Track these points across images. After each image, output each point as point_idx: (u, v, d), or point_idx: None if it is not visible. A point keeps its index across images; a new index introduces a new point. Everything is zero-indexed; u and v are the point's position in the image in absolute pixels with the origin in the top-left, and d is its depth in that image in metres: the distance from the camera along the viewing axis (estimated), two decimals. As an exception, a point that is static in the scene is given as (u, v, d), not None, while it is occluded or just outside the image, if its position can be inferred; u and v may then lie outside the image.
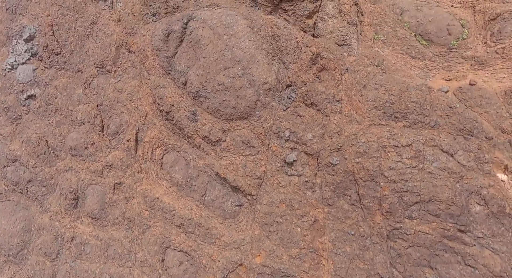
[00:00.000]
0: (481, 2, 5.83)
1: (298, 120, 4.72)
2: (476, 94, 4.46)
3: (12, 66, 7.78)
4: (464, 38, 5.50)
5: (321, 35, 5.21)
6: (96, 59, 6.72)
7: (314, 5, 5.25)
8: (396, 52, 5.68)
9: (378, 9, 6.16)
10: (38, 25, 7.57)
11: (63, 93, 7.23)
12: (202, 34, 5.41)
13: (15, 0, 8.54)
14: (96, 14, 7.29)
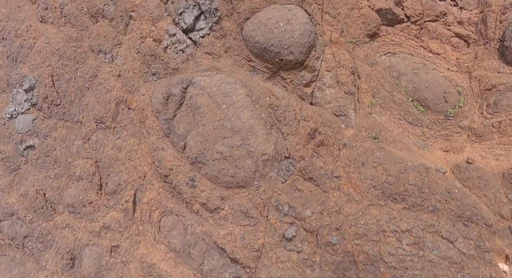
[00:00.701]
0: (477, 69, 5.91)
1: (297, 194, 4.73)
2: (474, 175, 4.49)
3: (12, 116, 7.80)
4: (461, 106, 5.55)
5: (318, 104, 5.26)
6: (95, 114, 6.75)
7: (311, 75, 5.31)
8: (394, 117, 5.70)
9: (375, 71, 6.23)
10: (39, 76, 7.63)
11: (62, 145, 7.22)
12: (202, 101, 5.44)
13: (16, 48, 8.62)
14: (96, 67, 7.36)
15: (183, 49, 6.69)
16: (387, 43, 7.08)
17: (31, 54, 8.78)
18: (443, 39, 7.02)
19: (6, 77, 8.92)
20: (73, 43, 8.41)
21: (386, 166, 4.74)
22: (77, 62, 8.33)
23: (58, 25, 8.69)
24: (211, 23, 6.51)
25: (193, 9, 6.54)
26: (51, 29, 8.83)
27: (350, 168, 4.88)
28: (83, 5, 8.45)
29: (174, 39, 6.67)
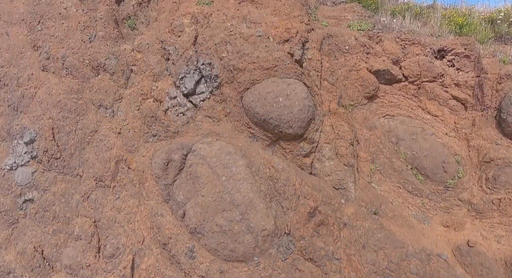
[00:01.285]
0: (475, 137, 5.94)
1: (297, 274, 4.74)
2: (476, 261, 4.52)
3: (12, 167, 7.79)
4: (460, 177, 5.58)
5: (318, 175, 5.33)
6: (95, 172, 6.79)
7: (311, 146, 5.38)
8: (393, 185, 5.72)
9: (374, 136, 6.25)
10: (39, 129, 7.65)
11: (61, 200, 7.23)
12: (201, 171, 5.48)
13: (17, 98, 8.66)
14: (97, 122, 7.39)
15: (184, 112, 6.77)
16: (386, 105, 7.17)
17: (32, 105, 8.87)
18: (441, 101, 7.12)
19: (7, 126, 8.99)
20: (74, 95, 8.54)
21: (387, 251, 4.75)
22: (77, 115, 8.41)
23: (60, 75, 8.87)
24: (212, 88, 6.61)
25: (194, 73, 6.64)
26: (52, 79, 8.99)
27: (351, 250, 4.89)
28: (84, 57, 8.63)
29: (175, 102, 6.75)
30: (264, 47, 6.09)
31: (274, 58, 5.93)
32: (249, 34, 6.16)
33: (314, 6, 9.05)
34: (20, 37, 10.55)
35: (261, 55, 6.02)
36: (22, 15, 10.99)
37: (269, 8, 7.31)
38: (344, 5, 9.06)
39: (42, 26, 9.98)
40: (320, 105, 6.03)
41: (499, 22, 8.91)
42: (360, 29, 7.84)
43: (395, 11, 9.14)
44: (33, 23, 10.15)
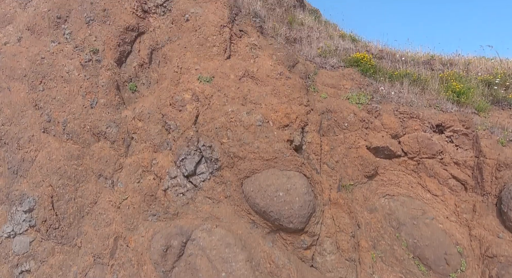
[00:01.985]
0: (476, 226, 5.89)
1: None
2: None
3: (9, 235, 7.63)
4: (463, 271, 5.46)
5: (319, 269, 5.23)
6: (93, 248, 6.73)
7: (311, 239, 5.33)
8: (396, 275, 5.59)
9: (375, 219, 6.21)
10: (38, 197, 7.60)
11: (58, 273, 7.12)
12: (201, 264, 5.40)
13: (17, 161, 8.64)
14: (96, 193, 7.36)
15: (184, 192, 6.74)
16: (386, 183, 7.15)
17: (32, 169, 8.85)
18: (441, 180, 7.10)
19: (6, 189, 8.94)
20: (74, 161, 8.52)
21: None
22: (77, 182, 8.37)
23: (60, 140, 8.87)
24: (212, 169, 6.60)
25: (194, 154, 6.65)
26: (53, 142, 8.99)
27: None
28: (85, 123, 8.66)
29: (175, 182, 6.73)
30: (264, 138, 6.10)
31: (274, 150, 5.92)
32: (249, 123, 6.18)
33: (313, 72, 9.16)
34: (22, 94, 10.61)
35: (261, 145, 6.02)
36: (24, 71, 11.09)
37: (269, 87, 7.37)
38: (342, 70, 9.15)
39: (44, 86, 10.05)
40: (321, 194, 6.00)
41: (496, 88, 9.01)
42: (358, 103, 7.90)
43: (393, 76, 9.24)
44: (35, 83, 10.23)
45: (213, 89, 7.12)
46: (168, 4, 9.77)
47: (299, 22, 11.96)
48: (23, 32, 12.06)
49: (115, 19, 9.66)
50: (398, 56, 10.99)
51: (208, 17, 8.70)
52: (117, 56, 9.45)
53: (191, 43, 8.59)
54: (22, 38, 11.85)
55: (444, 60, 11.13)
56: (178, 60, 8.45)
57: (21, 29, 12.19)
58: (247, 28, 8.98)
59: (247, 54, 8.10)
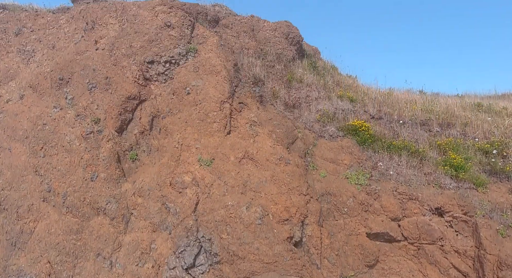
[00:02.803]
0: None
1: None
2: None
3: None
4: None
5: None
6: None
7: None
8: None
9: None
10: (36, 275, 7.40)
11: None
12: None
13: (16, 232, 8.59)
14: (95, 274, 7.20)
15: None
16: (386, 273, 7.12)
17: (30, 242, 8.82)
18: (442, 269, 7.06)
19: (4, 262, 8.91)
20: (73, 235, 8.52)
21: None
22: (75, 258, 8.32)
23: (60, 212, 8.90)
24: (211, 262, 6.57)
25: (194, 246, 6.64)
26: (52, 213, 9.00)
27: None
28: (85, 197, 8.68)
29: (173, 274, 6.65)
30: (264, 238, 6.10)
31: (275, 253, 5.91)
32: (249, 221, 6.19)
33: (312, 143, 9.22)
34: (23, 158, 10.62)
35: (261, 247, 6.01)
36: (26, 133, 11.14)
37: (269, 172, 7.40)
38: (341, 140, 9.20)
39: (44, 152, 10.07)
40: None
41: (493, 160, 9.05)
42: (358, 183, 7.93)
43: (392, 146, 9.29)
44: (36, 148, 10.26)
45: (213, 176, 7.16)
46: (170, 72, 9.92)
47: (298, 79, 12.11)
48: (26, 90, 12.17)
49: (117, 87, 9.78)
50: (396, 117, 11.12)
51: (208, 92, 8.82)
52: (118, 125, 9.53)
53: (191, 118, 8.69)
54: (25, 96, 11.95)
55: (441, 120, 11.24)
56: (179, 135, 8.52)
57: (23, 86, 12.32)
58: (247, 100, 9.10)
59: (247, 132, 8.18)
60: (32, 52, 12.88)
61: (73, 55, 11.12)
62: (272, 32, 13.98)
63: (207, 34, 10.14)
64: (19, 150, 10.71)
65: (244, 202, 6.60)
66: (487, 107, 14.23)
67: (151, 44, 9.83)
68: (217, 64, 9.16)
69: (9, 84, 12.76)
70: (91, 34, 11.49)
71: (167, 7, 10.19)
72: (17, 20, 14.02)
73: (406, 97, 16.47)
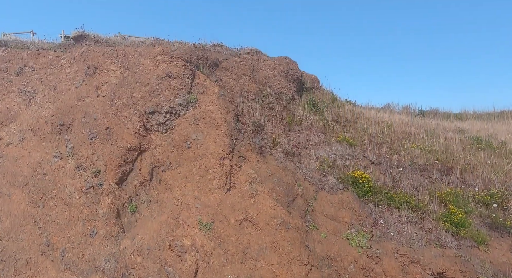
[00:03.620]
0: None
1: None
2: None
3: None
4: None
5: None
6: None
7: None
8: None
9: None
10: None
11: None
12: None
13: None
14: None
15: None
16: None
17: (27, 300, 8.58)
18: None
19: (0, 319, 8.65)
20: (71, 294, 8.27)
21: None
22: (73, 318, 8.07)
23: (58, 269, 8.73)
24: None
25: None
26: (50, 269, 8.92)
27: None
28: (84, 253, 8.57)
29: None
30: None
31: None
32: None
33: (312, 197, 9.19)
34: (22, 206, 10.56)
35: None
36: (26, 179, 11.10)
37: (269, 237, 7.35)
38: (341, 194, 9.17)
39: (44, 203, 10.02)
40: None
41: (494, 215, 9.02)
42: (359, 246, 7.88)
43: (392, 200, 9.27)
44: (35, 198, 10.21)
45: (213, 243, 7.11)
46: (170, 122, 9.94)
47: (297, 121, 12.15)
48: (26, 132, 12.18)
49: (117, 138, 9.79)
50: (395, 163, 11.12)
51: (209, 147, 8.83)
52: (118, 176, 9.50)
53: (192, 173, 8.68)
54: (25, 140, 11.95)
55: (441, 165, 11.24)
56: (179, 192, 8.50)
57: (24, 129, 12.33)
58: (247, 154, 9.10)
59: (247, 191, 8.16)
60: (33, 93, 12.94)
61: (74, 100, 11.17)
62: (272, 71, 14.10)
63: (207, 84, 10.20)
64: (19, 197, 10.66)
65: (244, 274, 6.54)
66: (486, 143, 14.30)
67: (152, 95, 9.88)
68: (218, 118, 9.19)
69: (10, 126, 12.78)
70: (92, 79, 11.56)
71: (168, 56, 10.28)
72: (19, 59, 14.13)
73: (405, 130, 16.56)
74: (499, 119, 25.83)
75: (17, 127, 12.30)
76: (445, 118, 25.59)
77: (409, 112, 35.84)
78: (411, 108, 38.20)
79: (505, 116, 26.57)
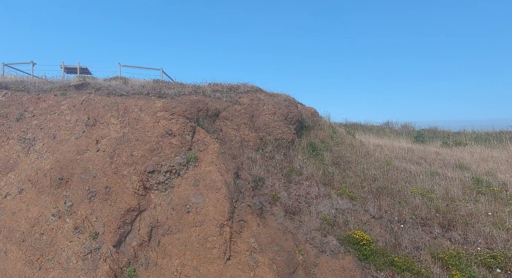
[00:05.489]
0: None
1: None
2: None
3: None
4: None
5: None
6: None
7: None
8: None
9: None
10: None
11: None
12: None
13: None
14: None
15: None
16: None
17: None
18: None
19: None
20: None
21: None
22: None
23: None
24: None
25: None
26: None
27: None
28: (81, 323, 8.26)
29: None
30: None
31: None
32: None
33: (313, 263, 9.09)
34: (18, 266, 10.40)
35: None
36: (23, 235, 10.98)
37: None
38: (343, 259, 9.09)
39: (40, 265, 9.85)
40: None
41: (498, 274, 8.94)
42: (361, 320, 7.78)
43: (394, 264, 9.18)
44: (32, 258, 10.08)
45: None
46: (170, 181, 9.91)
47: (297, 171, 12.14)
48: (25, 183, 12.11)
49: (116, 199, 9.74)
50: (396, 217, 11.06)
51: (208, 212, 8.78)
52: (117, 239, 9.40)
53: (191, 241, 8.59)
54: (23, 191, 11.87)
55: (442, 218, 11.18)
56: (177, 261, 8.39)
57: (23, 179, 12.26)
58: (247, 217, 9.04)
59: (247, 262, 8.07)
60: (32, 141, 12.93)
61: (73, 154, 11.16)
62: (272, 116, 14.19)
63: (207, 140, 10.22)
64: (15, 255, 10.50)
65: None
66: (486, 185, 14.28)
67: (152, 153, 9.88)
68: (218, 180, 9.17)
69: (8, 176, 12.71)
70: (93, 131, 11.58)
71: (169, 113, 10.33)
72: (19, 104, 14.19)
73: (404, 167, 16.57)
74: (498, 141, 25.87)
75: (15, 177, 12.23)
76: (444, 143, 25.67)
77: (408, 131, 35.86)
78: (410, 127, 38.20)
79: (504, 138, 26.62)
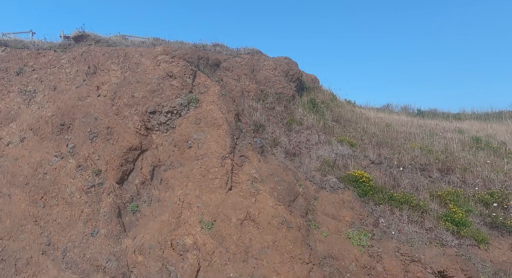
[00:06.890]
0: None
1: None
2: None
3: None
4: None
5: None
6: None
7: None
8: None
9: None
10: None
11: None
12: None
13: (15, 288, 8.38)
14: None
15: None
16: None
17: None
18: None
19: (1, 318, 8.66)
20: (72, 294, 8.29)
21: None
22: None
23: (59, 268, 8.73)
24: None
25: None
26: (51, 268, 8.90)
27: None
28: (85, 252, 8.57)
29: None
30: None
31: None
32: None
33: (313, 197, 9.23)
34: (22, 206, 10.56)
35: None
36: (26, 179, 11.10)
37: (271, 236, 7.39)
38: (342, 193, 9.21)
39: (44, 203, 10.04)
40: None
41: (494, 214, 9.07)
42: (360, 245, 7.93)
43: (392, 199, 9.32)
44: (36, 197, 10.23)
45: (215, 242, 7.14)
46: (171, 122, 9.98)
47: (298, 121, 12.21)
48: (26, 132, 12.19)
49: (118, 138, 9.82)
50: (395, 162, 11.17)
51: (210, 147, 8.87)
52: (119, 176, 9.52)
53: (193, 173, 8.71)
54: (25, 139, 11.96)
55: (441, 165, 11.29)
56: (180, 191, 8.52)
57: (24, 128, 12.34)
58: (248, 153, 9.14)
59: (248, 190, 8.20)
60: (33, 93, 12.96)
61: (74, 100, 11.19)
62: (272, 71, 14.15)
63: (208, 83, 10.25)
64: (19, 197, 10.65)
65: (246, 272, 6.58)
66: (485, 143, 14.35)
67: (153, 95, 9.92)
68: (219, 117, 9.24)
69: (10, 126, 12.78)
70: (93, 79, 11.59)
71: (169, 56, 10.33)
72: (18, 59, 14.15)
73: (404, 130, 16.60)
74: (497, 119, 25.87)
75: (17, 127, 12.31)
76: (444, 119, 25.66)
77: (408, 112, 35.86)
78: (410, 109, 38.18)
79: (504, 117, 26.61)
